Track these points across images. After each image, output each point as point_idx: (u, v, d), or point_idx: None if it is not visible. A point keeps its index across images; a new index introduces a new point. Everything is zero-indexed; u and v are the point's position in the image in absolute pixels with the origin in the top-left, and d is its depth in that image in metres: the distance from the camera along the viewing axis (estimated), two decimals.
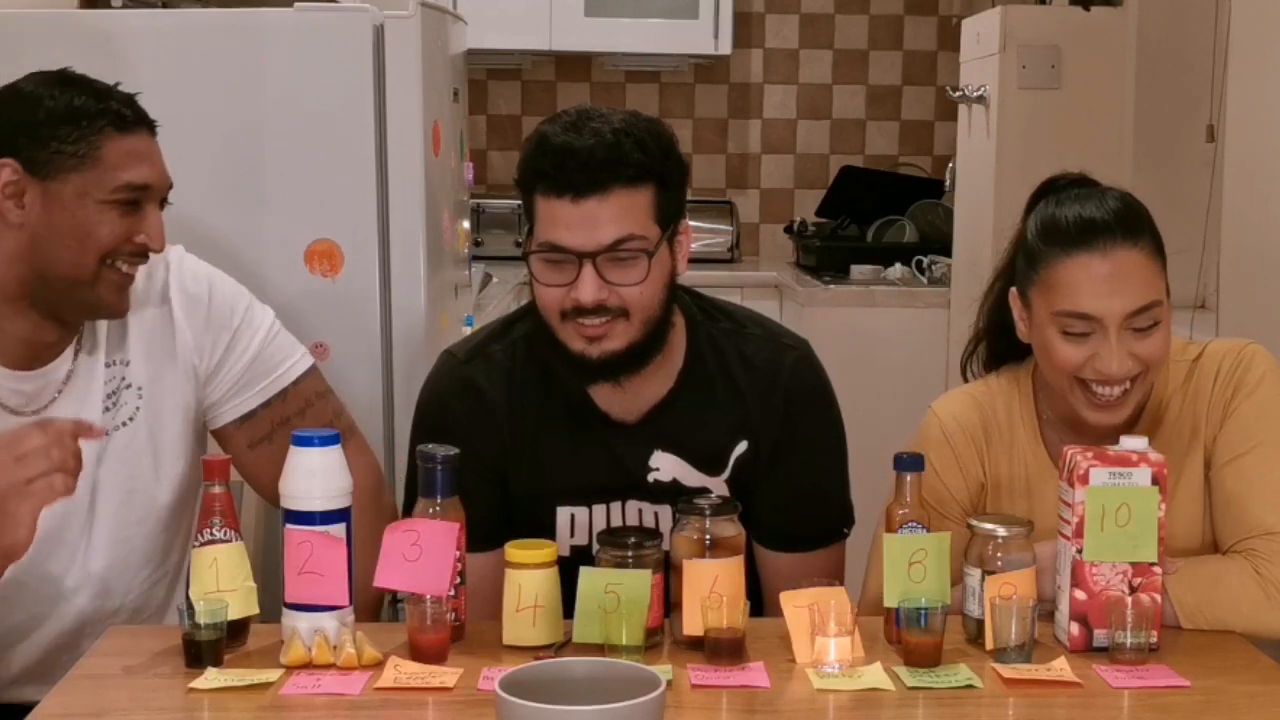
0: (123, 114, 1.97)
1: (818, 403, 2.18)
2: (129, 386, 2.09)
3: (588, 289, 1.97)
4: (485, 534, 1.98)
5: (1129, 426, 2.00)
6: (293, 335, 2.21)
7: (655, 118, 2.07)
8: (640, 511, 2.12)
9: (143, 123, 2.01)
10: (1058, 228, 1.96)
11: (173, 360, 2.11)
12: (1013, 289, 2.04)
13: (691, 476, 2.11)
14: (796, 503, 2.15)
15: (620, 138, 1.96)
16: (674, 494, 2.04)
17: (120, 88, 2.02)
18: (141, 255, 2.01)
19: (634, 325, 2.01)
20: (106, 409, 2.07)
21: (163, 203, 2.03)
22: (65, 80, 1.99)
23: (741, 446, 2.13)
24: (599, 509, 2.12)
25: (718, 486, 2.10)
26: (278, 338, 2.18)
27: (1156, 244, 1.97)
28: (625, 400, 2.10)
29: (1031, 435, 2.08)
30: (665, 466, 2.11)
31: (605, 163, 1.95)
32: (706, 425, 2.12)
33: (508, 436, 2.11)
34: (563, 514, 2.12)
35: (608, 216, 1.96)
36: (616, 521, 2.13)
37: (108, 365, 2.08)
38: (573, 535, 2.12)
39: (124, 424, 2.09)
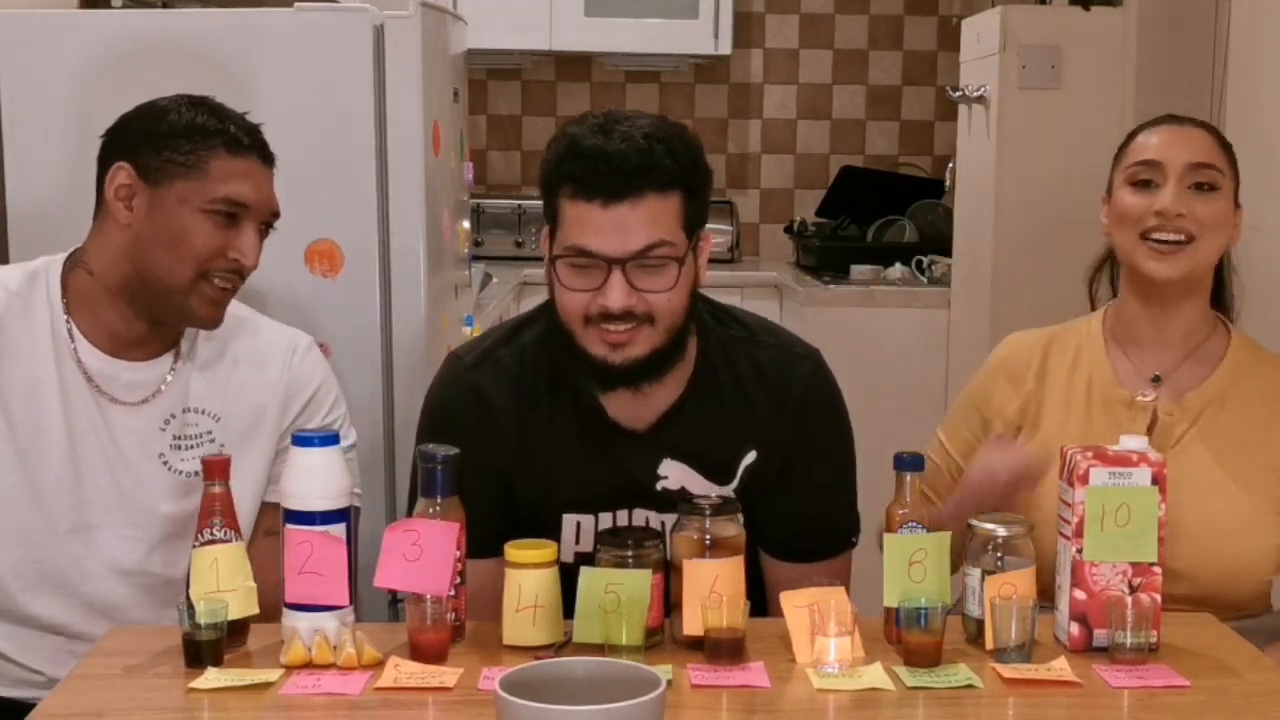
0: (238, 138, 2.08)
1: (830, 414, 2.17)
2: (212, 440, 2.15)
3: (616, 295, 1.95)
4: (487, 541, 1.95)
5: (1185, 295, 2.23)
6: (358, 475, 2.12)
7: (682, 124, 2.05)
8: (647, 520, 2.10)
9: (256, 150, 2.10)
10: (1141, 124, 2.29)
11: (258, 434, 2.19)
12: (1102, 204, 2.28)
13: (700, 485, 2.09)
14: (806, 515, 2.14)
15: (651, 143, 1.94)
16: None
17: (248, 116, 2.13)
18: (235, 273, 2.09)
19: (658, 332, 1.99)
20: (176, 445, 2.13)
21: (267, 229, 2.12)
22: (195, 102, 2.11)
23: (751, 456, 2.11)
24: (605, 517, 2.11)
25: None
26: (345, 456, 2.04)
27: (1220, 140, 2.28)
28: (636, 407, 2.08)
29: (1098, 349, 2.28)
30: (674, 475, 2.10)
31: (638, 168, 1.93)
32: (716, 434, 2.10)
33: (514, 444, 2.09)
34: (569, 521, 2.11)
35: (638, 222, 1.94)
36: None
37: (198, 411, 2.15)
38: (578, 543, 2.10)
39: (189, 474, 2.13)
